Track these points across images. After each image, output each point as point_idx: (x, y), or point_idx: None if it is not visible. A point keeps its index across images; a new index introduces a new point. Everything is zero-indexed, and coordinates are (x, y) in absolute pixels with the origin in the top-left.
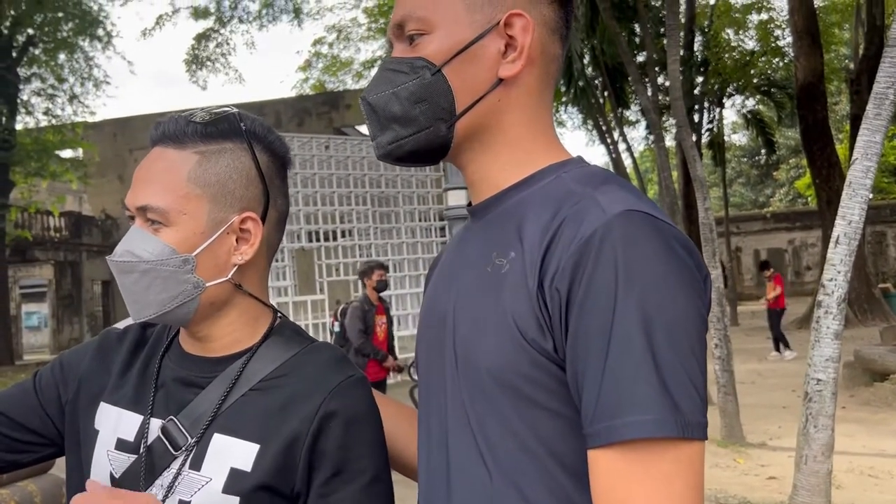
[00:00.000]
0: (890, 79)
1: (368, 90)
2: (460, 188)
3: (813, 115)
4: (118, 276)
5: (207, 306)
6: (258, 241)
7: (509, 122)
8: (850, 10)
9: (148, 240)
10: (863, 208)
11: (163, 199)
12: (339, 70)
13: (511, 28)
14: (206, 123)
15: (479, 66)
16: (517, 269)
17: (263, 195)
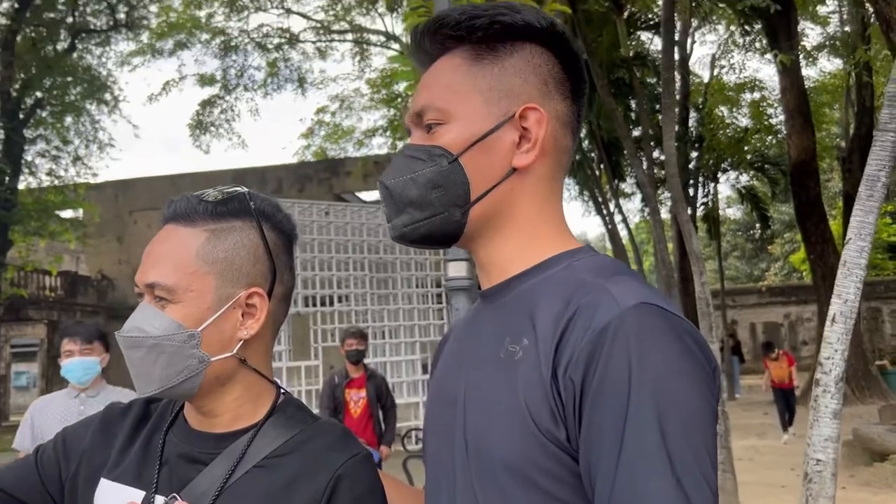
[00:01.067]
0: (881, 161)
1: (387, 175)
2: (461, 259)
3: (806, 191)
4: (126, 351)
5: (212, 381)
6: (264, 316)
7: (521, 210)
8: (840, 91)
9: (156, 316)
10: (858, 287)
11: (171, 276)
12: (341, 138)
13: (526, 120)
14: (216, 202)
15: (495, 156)
16: (531, 358)
17: (270, 271)
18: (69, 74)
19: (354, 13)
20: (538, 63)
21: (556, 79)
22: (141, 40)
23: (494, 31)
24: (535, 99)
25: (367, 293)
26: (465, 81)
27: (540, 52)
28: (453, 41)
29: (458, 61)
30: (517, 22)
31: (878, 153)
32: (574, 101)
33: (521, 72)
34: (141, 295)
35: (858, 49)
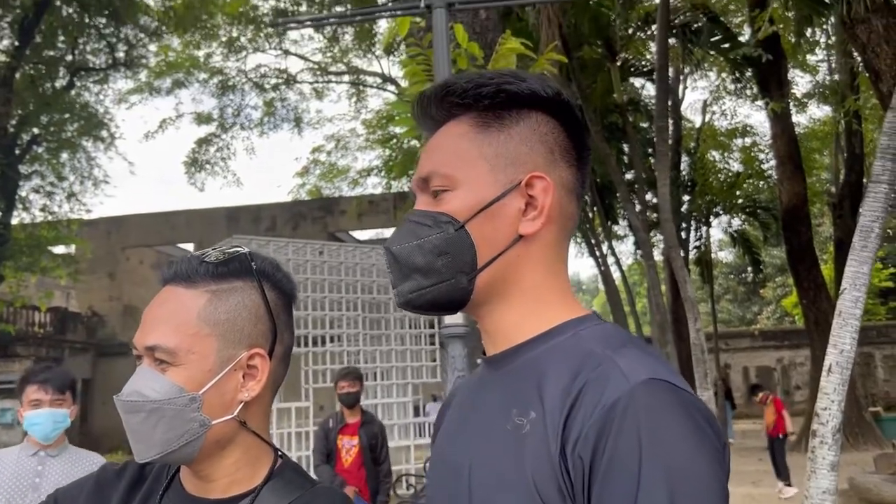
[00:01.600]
0: (874, 213)
1: (392, 241)
2: None
3: (798, 237)
4: (124, 415)
5: (212, 445)
6: (265, 377)
7: (527, 277)
8: (830, 137)
9: (156, 379)
10: (854, 337)
11: (172, 338)
12: (336, 177)
13: (532, 188)
14: (217, 263)
15: (501, 223)
16: (538, 432)
17: (271, 331)
18: (67, 111)
19: (351, 55)
20: (544, 131)
21: (561, 147)
22: (139, 79)
23: (500, 100)
24: (541, 167)
25: (359, 333)
26: (472, 148)
27: (546, 121)
28: (459, 108)
29: (465, 128)
30: (523, 91)
31: (871, 204)
32: (579, 169)
33: (527, 140)
34: (139, 357)
35: (848, 99)
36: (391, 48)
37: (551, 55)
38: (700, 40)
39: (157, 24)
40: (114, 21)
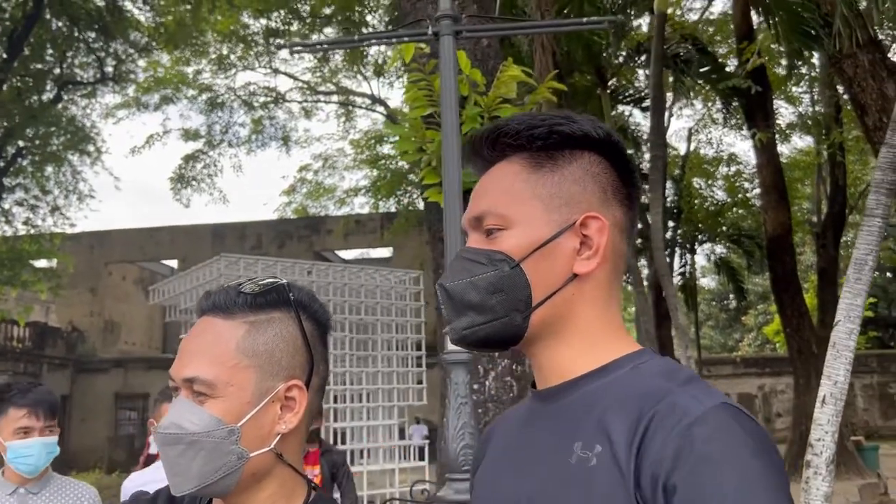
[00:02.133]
0: (868, 246)
1: (445, 277)
2: None
3: (782, 265)
4: (162, 448)
5: (249, 477)
6: (303, 409)
7: (582, 314)
8: (812, 168)
9: (194, 411)
10: (847, 369)
11: (211, 370)
12: (322, 196)
13: (587, 228)
14: (255, 294)
15: (556, 262)
16: (607, 464)
17: (308, 362)
18: (53, 125)
19: (341, 75)
20: (597, 171)
21: (613, 187)
22: (127, 93)
23: (553, 140)
24: (595, 207)
25: (346, 354)
26: (526, 189)
27: (598, 161)
28: (512, 149)
29: (518, 168)
30: (575, 132)
31: (865, 237)
32: (630, 208)
33: (580, 180)
34: (177, 389)
35: (834, 132)
36: (381, 70)
37: (552, 83)
38: (690, 70)
39: (147, 39)
40: (103, 36)
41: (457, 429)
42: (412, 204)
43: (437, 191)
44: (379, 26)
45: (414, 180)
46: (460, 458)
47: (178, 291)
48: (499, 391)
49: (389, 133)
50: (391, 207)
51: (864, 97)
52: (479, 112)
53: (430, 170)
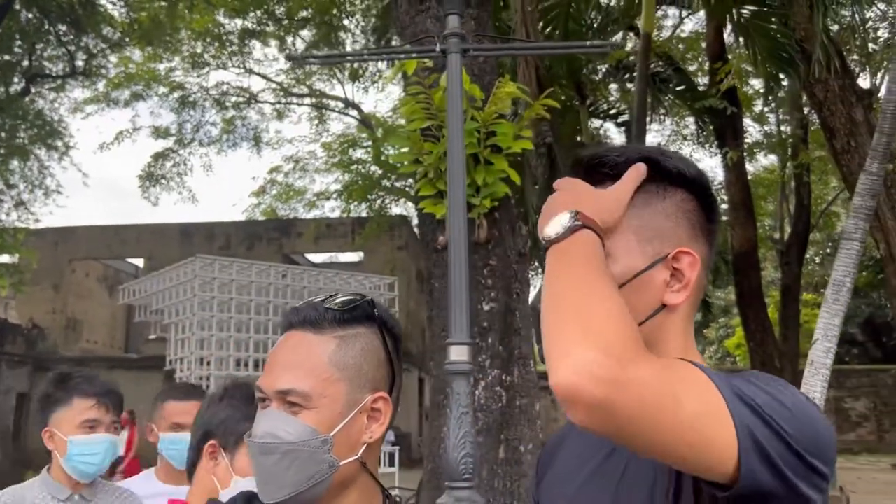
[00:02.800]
0: (846, 268)
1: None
2: (463, 343)
3: (748, 281)
4: (257, 457)
5: (337, 485)
6: (388, 419)
7: (668, 342)
8: (776, 185)
9: (289, 422)
10: (824, 386)
11: (306, 382)
12: (293, 198)
13: (678, 262)
14: (344, 310)
15: (648, 292)
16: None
17: (390, 375)
18: (20, 118)
19: (315, 78)
20: (689, 209)
21: (701, 224)
22: (97, 89)
23: (648, 175)
24: (686, 242)
25: None
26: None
27: (690, 199)
28: (608, 178)
29: None
30: (671, 168)
31: (843, 260)
32: (712, 245)
33: (672, 215)
34: (265, 400)
35: (802, 153)
36: (356, 74)
37: (547, 101)
38: (668, 89)
39: (119, 35)
40: (74, 29)
41: (458, 438)
42: (384, 209)
43: (432, 202)
44: (356, 31)
45: (387, 186)
46: (461, 466)
47: (149, 292)
48: (488, 401)
49: (390, 143)
50: (363, 212)
51: (833, 121)
52: (476, 127)
53: (426, 181)
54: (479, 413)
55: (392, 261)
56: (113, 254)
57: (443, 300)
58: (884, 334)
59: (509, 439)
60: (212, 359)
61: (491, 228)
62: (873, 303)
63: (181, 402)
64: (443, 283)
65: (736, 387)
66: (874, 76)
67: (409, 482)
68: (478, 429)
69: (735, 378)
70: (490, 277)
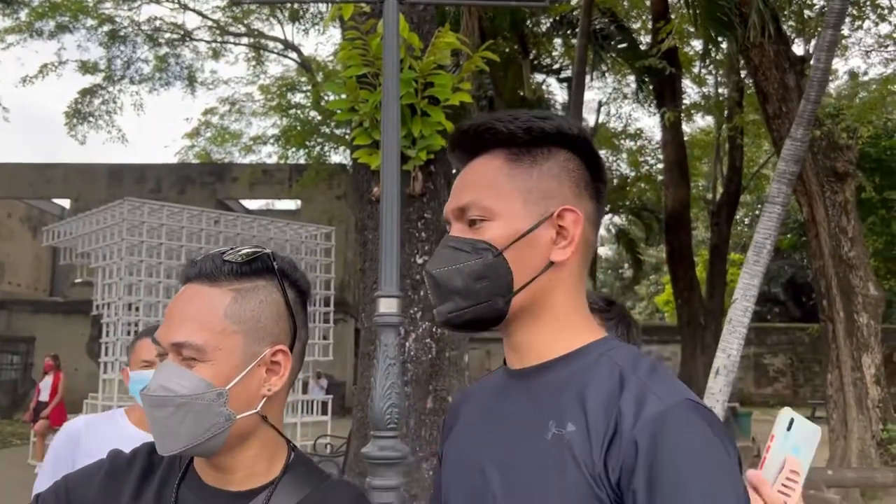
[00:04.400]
0: (767, 230)
1: (432, 264)
2: (392, 296)
3: (678, 240)
4: (150, 410)
5: (235, 438)
6: (287, 373)
7: (556, 299)
8: (711, 147)
9: (183, 375)
10: (740, 343)
11: (200, 335)
12: (227, 142)
13: (563, 220)
14: (241, 263)
15: (534, 251)
16: (580, 445)
17: (291, 328)
18: None
19: (253, 17)
20: (572, 167)
21: (585, 181)
22: (18, 17)
23: (531, 137)
24: (570, 200)
25: None
26: (507, 183)
27: (572, 158)
28: (493, 144)
29: (499, 163)
30: (552, 129)
31: (765, 223)
32: (598, 202)
33: (556, 175)
34: (163, 354)
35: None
36: (297, 15)
37: (485, 53)
38: (609, 46)
39: None
40: None
41: (385, 388)
42: (323, 157)
43: (367, 152)
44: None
45: (326, 133)
46: (386, 416)
47: (75, 234)
48: (418, 352)
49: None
50: (301, 159)
51: (767, 86)
52: (413, 76)
53: (361, 131)
54: (408, 364)
55: (330, 210)
56: (37, 193)
57: (376, 252)
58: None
59: (438, 390)
60: (140, 304)
61: (426, 181)
62: (796, 264)
63: (149, 339)
64: (376, 235)
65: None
66: (808, 43)
67: (342, 430)
68: (406, 379)
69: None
70: (424, 230)
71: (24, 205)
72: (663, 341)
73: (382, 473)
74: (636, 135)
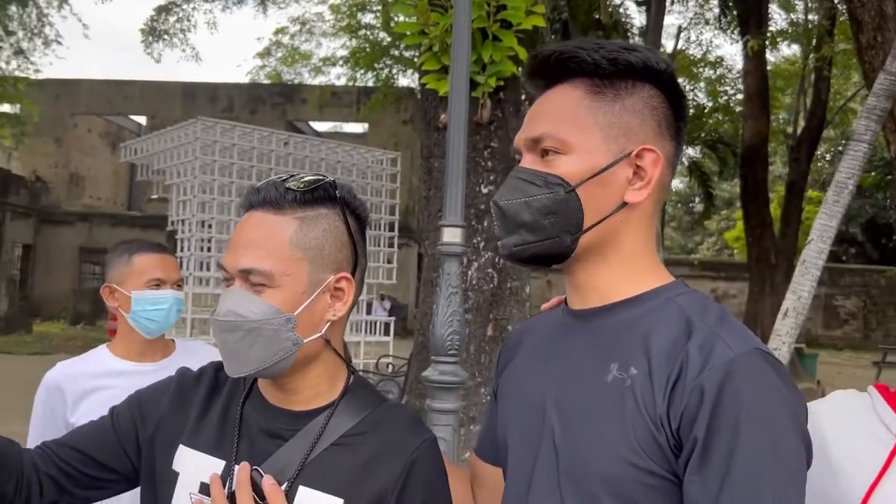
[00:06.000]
0: (851, 170)
1: (500, 195)
2: (456, 226)
3: (753, 175)
4: (220, 334)
5: (301, 361)
6: (350, 299)
7: (626, 241)
8: (795, 78)
9: (252, 300)
10: (812, 285)
11: (268, 262)
12: (298, 62)
13: (641, 159)
14: (304, 191)
15: (609, 190)
16: (642, 389)
17: (353, 256)
18: None
19: None
20: (655, 105)
21: (667, 121)
22: None
23: (617, 69)
24: (651, 139)
25: None
26: (587, 116)
27: (656, 94)
28: (576, 73)
29: (580, 94)
30: (637, 62)
31: (849, 161)
32: (678, 142)
33: (639, 112)
34: (229, 279)
35: (825, 45)
36: None
37: None
38: None
39: None
40: None
41: (446, 316)
42: (391, 80)
43: (435, 77)
44: None
45: (395, 55)
46: (447, 342)
47: (151, 151)
48: (480, 281)
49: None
50: (369, 81)
51: (861, 13)
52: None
53: (430, 55)
54: (469, 292)
55: (397, 134)
56: (115, 109)
57: (441, 180)
58: (883, 236)
59: (498, 318)
60: (213, 222)
61: (494, 109)
62: (878, 203)
63: (156, 255)
64: (442, 164)
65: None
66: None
67: (403, 351)
68: (467, 307)
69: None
70: (490, 160)
71: (103, 121)
72: (730, 278)
73: (441, 397)
74: (716, 63)
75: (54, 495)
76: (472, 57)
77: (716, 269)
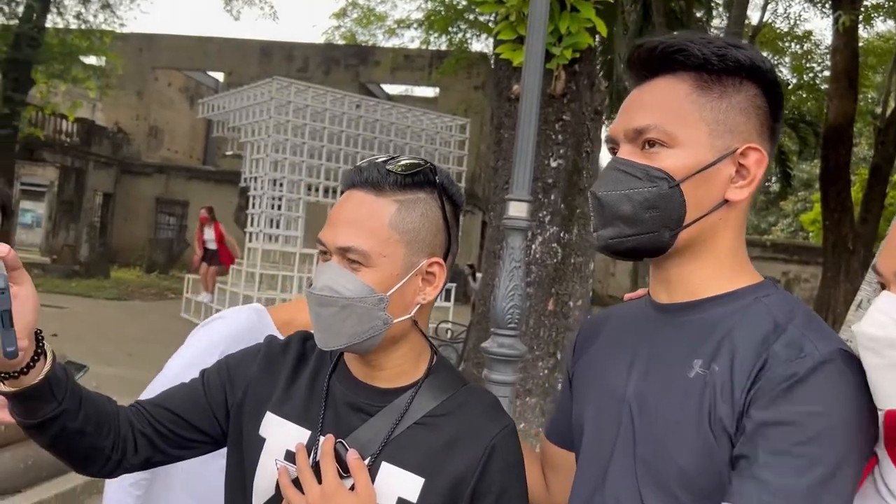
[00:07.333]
0: None
1: (598, 185)
2: (523, 200)
3: (836, 156)
4: (315, 307)
5: (389, 340)
6: (441, 283)
7: (721, 239)
8: (888, 56)
9: (348, 278)
10: None
11: (367, 242)
12: (372, 24)
13: (745, 158)
14: (405, 175)
15: (711, 186)
16: (722, 386)
17: (446, 241)
18: None
19: None
20: (759, 104)
21: (768, 122)
22: None
23: (725, 66)
24: (755, 139)
25: None
26: (694, 110)
27: (761, 94)
28: (683, 66)
29: (687, 88)
30: (745, 60)
31: None
32: (774, 143)
33: (745, 110)
34: (326, 253)
35: None
36: None
37: None
38: None
39: None
40: None
41: (508, 289)
42: (464, 44)
43: (510, 47)
44: None
45: (470, 19)
46: (507, 315)
47: (227, 108)
48: (543, 255)
49: None
50: (442, 45)
51: None
52: None
53: (506, 24)
54: (532, 266)
55: (467, 100)
56: (195, 65)
57: (510, 152)
58: None
59: (560, 293)
60: (284, 181)
61: (569, 81)
62: None
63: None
64: (511, 135)
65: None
66: None
67: (463, 317)
68: (529, 280)
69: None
70: (561, 133)
71: (182, 76)
72: (803, 262)
73: (499, 369)
74: (803, 37)
75: (147, 452)
76: (549, 28)
77: (789, 251)
